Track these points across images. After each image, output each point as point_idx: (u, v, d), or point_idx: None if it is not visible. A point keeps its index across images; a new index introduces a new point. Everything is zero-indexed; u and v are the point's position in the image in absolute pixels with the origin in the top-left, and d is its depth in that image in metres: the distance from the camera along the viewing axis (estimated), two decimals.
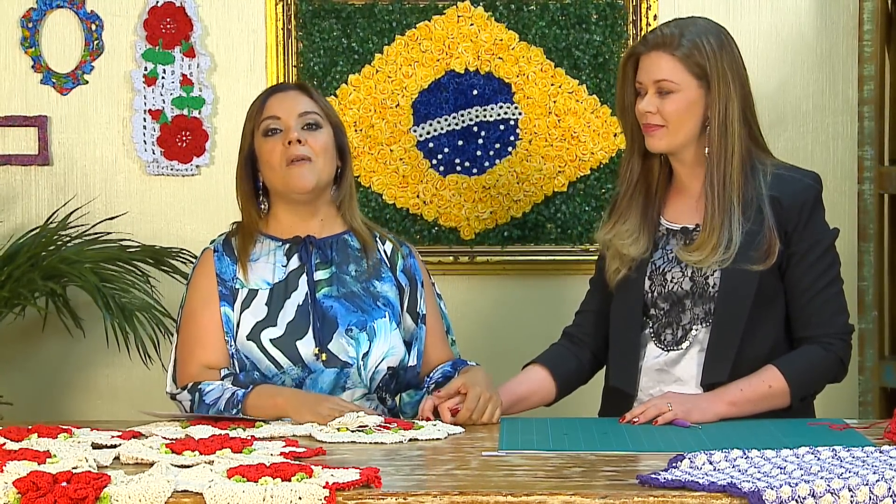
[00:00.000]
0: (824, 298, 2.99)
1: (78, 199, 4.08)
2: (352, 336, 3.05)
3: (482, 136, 4.08)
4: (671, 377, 3.00)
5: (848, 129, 4.03)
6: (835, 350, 2.98)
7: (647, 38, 3.05)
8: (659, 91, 2.98)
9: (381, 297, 3.12)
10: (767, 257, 2.95)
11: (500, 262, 4.11)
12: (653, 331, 3.04)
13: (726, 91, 2.98)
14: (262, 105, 3.13)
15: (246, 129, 3.15)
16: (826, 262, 3.00)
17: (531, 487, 2.26)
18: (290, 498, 2.20)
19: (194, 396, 2.98)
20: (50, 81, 4.10)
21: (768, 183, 2.99)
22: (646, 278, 3.04)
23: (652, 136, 3.01)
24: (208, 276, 3.09)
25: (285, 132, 3.08)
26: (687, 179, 3.07)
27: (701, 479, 2.26)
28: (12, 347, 4.11)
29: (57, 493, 2.22)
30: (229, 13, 4.10)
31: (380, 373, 3.07)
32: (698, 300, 3.00)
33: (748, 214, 2.97)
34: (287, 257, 3.10)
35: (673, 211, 3.09)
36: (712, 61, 2.98)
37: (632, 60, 3.05)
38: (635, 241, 3.05)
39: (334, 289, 3.09)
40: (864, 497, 2.17)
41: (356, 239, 3.16)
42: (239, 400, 2.93)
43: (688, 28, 3.01)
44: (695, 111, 2.99)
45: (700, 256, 2.97)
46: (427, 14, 4.07)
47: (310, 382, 3.02)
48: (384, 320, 3.09)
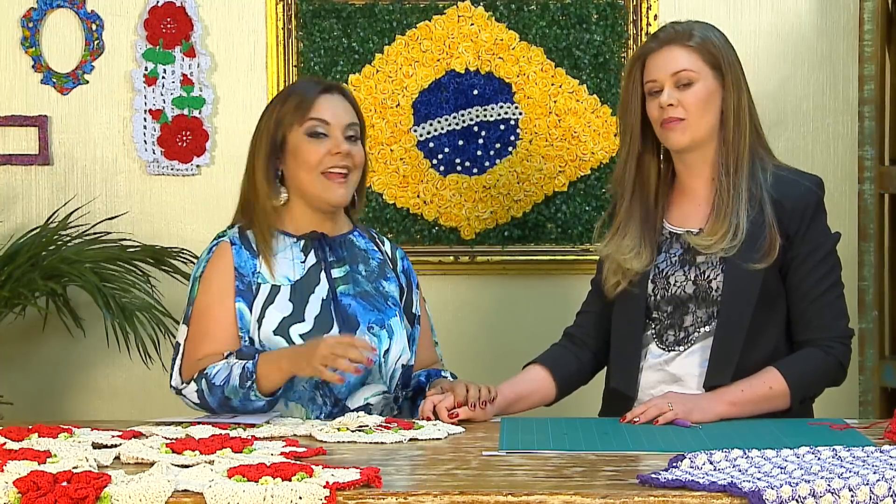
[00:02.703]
0: (825, 302, 2.99)
1: (78, 198, 4.08)
2: (374, 334, 3.06)
3: (482, 136, 4.08)
4: (673, 377, 3.00)
5: (848, 128, 4.04)
6: (835, 354, 2.99)
7: (656, 36, 3.06)
8: (677, 83, 2.99)
9: (390, 296, 3.13)
10: (769, 254, 2.96)
11: (500, 262, 4.11)
12: (655, 332, 3.05)
13: (738, 81, 3.02)
14: (311, 103, 3.06)
15: (280, 117, 3.07)
16: (828, 265, 3.00)
17: (531, 487, 2.26)
18: (290, 497, 2.20)
19: (201, 384, 2.94)
20: (50, 81, 4.10)
21: (769, 182, 3.00)
22: (649, 281, 3.05)
23: (673, 131, 3.00)
24: (226, 269, 3.04)
25: (332, 140, 3.05)
26: (691, 182, 3.07)
27: (701, 479, 2.26)
28: (13, 347, 4.11)
29: (57, 492, 2.22)
30: (230, 13, 4.10)
31: (397, 370, 3.09)
32: (701, 303, 3.00)
33: (752, 204, 2.98)
34: (304, 253, 3.10)
35: (677, 215, 3.09)
36: (723, 52, 3.02)
37: (639, 62, 3.05)
38: (637, 255, 3.05)
39: (351, 287, 3.09)
40: (865, 497, 2.17)
41: (361, 238, 3.17)
42: (251, 371, 2.89)
43: (691, 25, 3.06)
44: (714, 101, 3.00)
45: (710, 242, 2.97)
46: (427, 14, 4.07)
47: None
48: (396, 319, 3.11)
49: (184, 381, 2.99)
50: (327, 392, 3.01)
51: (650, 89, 3.03)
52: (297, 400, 3.01)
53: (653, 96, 3.02)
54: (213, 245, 3.09)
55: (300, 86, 3.16)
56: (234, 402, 2.92)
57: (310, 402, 3.01)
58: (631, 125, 3.07)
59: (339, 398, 3.01)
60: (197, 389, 2.95)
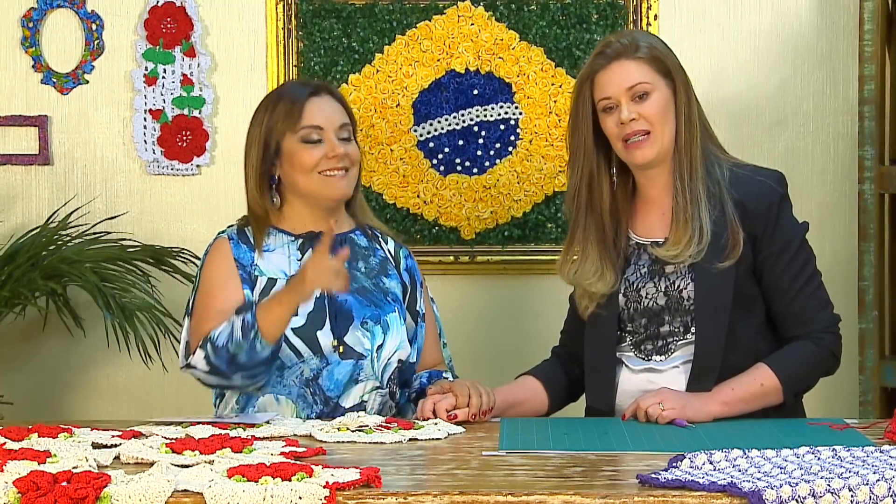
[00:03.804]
0: (806, 296, 2.99)
1: (78, 198, 4.08)
2: (367, 329, 3.07)
3: (482, 136, 4.08)
4: (655, 387, 2.97)
5: (848, 128, 4.03)
6: (825, 344, 2.98)
7: (603, 52, 3.00)
8: (633, 97, 2.97)
9: (390, 293, 3.15)
10: (733, 251, 2.94)
11: (500, 262, 4.11)
12: (632, 343, 3.04)
13: (685, 84, 3.01)
14: (301, 109, 3.08)
15: (271, 124, 3.09)
16: (801, 259, 2.99)
17: (531, 487, 2.26)
18: (290, 497, 2.20)
19: (206, 349, 2.94)
20: (50, 81, 4.10)
21: (727, 179, 2.98)
22: (620, 295, 3.04)
23: (639, 148, 2.96)
24: (226, 259, 3.08)
25: (328, 144, 3.08)
26: (653, 191, 3.04)
27: (701, 479, 2.26)
28: (13, 347, 4.11)
29: (57, 492, 2.22)
30: (230, 13, 4.10)
31: (391, 365, 3.10)
32: (675, 313, 2.99)
33: (713, 203, 2.97)
34: (301, 252, 3.11)
35: (643, 226, 3.07)
36: (669, 58, 3.01)
37: (588, 81, 3.01)
38: (601, 277, 3.04)
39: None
40: (865, 497, 2.17)
41: (363, 238, 3.18)
42: (251, 322, 2.91)
43: (634, 36, 3.04)
44: (670, 109, 2.99)
45: (676, 251, 2.96)
46: (427, 14, 4.07)
47: (326, 374, 3.03)
48: (395, 315, 3.12)
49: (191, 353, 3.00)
50: (317, 390, 3.02)
51: (604, 106, 2.99)
52: (287, 395, 3.02)
53: (607, 113, 2.99)
54: (212, 242, 3.15)
55: (288, 90, 3.18)
56: (241, 358, 2.93)
57: (300, 399, 3.02)
58: (583, 146, 3.03)
59: (329, 397, 3.02)
60: (204, 356, 2.96)
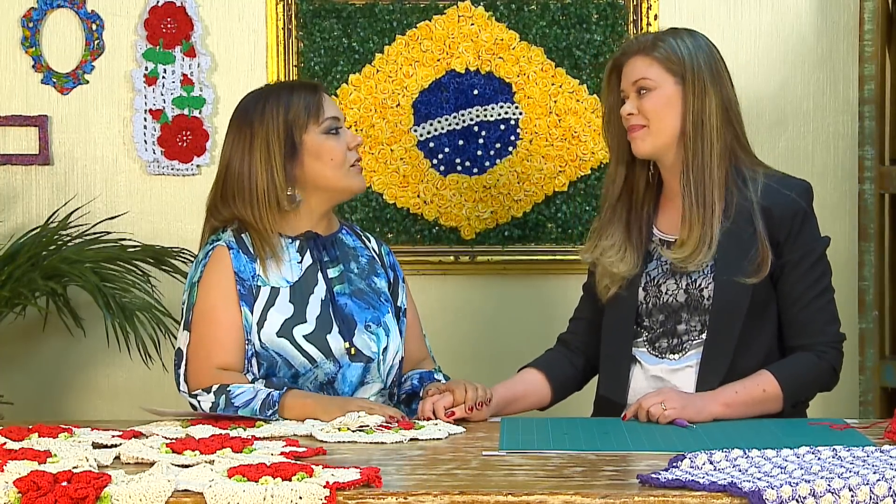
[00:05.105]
0: (817, 307, 3.00)
1: (78, 198, 4.08)
2: (371, 332, 3.08)
3: (483, 136, 4.08)
4: (667, 385, 2.99)
5: (848, 128, 4.03)
6: (828, 359, 3.00)
7: (628, 44, 3.11)
8: (638, 91, 3.01)
9: (382, 293, 3.15)
10: (761, 269, 2.96)
11: (500, 262, 4.11)
12: (647, 339, 3.05)
13: (702, 87, 3.00)
14: (320, 101, 3.08)
15: (292, 118, 3.05)
16: (818, 271, 3.01)
17: (531, 487, 2.26)
18: (290, 497, 2.20)
19: (219, 399, 2.91)
20: (50, 81, 4.10)
21: (759, 192, 2.99)
22: (640, 289, 3.05)
23: (635, 139, 3.02)
24: (226, 274, 3.02)
25: (347, 134, 3.10)
26: (677, 188, 3.06)
27: (701, 479, 2.26)
28: (13, 347, 4.11)
29: (57, 492, 2.22)
30: (230, 13, 4.10)
31: (394, 367, 3.11)
32: (694, 312, 3.00)
33: (728, 213, 2.97)
34: (300, 254, 3.10)
35: (666, 221, 3.09)
36: (687, 59, 3.01)
37: (615, 71, 3.08)
38: (622, 258, 3.05)
39: (346, 286, 3.10)
40: (865, 497, 2.17)
41: (349, 237, 3.18)
42: (275, 401, 2.89)
43: (665, 34, 3.07)
44: (673, 107, 3.00)
45: (682, 254, 2.98)
46: (427, 14, 4.07)
47: (340, 377, 3.03)
48: (390, 315, 3.13)
49: (194, 389, 2.96)
50: (332, 394, 3.02)
51: (622, 98, 3.06)
52: None
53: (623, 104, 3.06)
54: (210, 249, 3.06)
55: (295, 87, 3.15)
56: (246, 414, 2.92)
57: None
58: (615, 133, 3.09)
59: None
60: (213, 402, 2.92)
